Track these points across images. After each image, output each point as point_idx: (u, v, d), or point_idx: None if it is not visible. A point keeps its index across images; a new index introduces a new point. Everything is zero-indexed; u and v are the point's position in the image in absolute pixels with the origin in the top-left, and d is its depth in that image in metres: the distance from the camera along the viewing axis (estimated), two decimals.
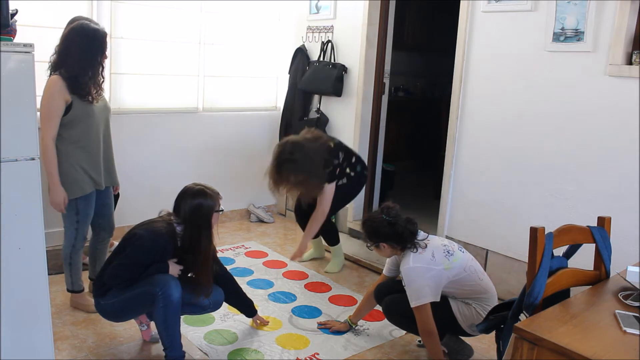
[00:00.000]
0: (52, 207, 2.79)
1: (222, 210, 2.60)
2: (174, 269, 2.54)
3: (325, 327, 3.00)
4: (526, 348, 1.57)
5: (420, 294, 2.48)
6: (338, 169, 3.55)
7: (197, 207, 2.50)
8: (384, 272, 2.87)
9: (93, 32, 2.78)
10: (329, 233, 3.85)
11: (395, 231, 2.56)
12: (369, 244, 2.69)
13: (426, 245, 2.57)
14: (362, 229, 2.72)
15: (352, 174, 3.64)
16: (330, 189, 3.52)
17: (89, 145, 2.87)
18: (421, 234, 2.62)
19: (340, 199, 3.67)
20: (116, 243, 3.79)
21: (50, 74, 2.76)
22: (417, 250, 2.54)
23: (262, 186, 5.04)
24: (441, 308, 2.55)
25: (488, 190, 3.55)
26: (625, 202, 2.91)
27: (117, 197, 3.29)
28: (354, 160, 3.66)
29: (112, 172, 3.08)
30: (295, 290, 3.49)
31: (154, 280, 2.44)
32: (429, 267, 2.50)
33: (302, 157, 3.33)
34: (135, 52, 4.09)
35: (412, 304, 2.50)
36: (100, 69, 2.84)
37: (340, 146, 3.63)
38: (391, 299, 2.74)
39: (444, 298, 2.57)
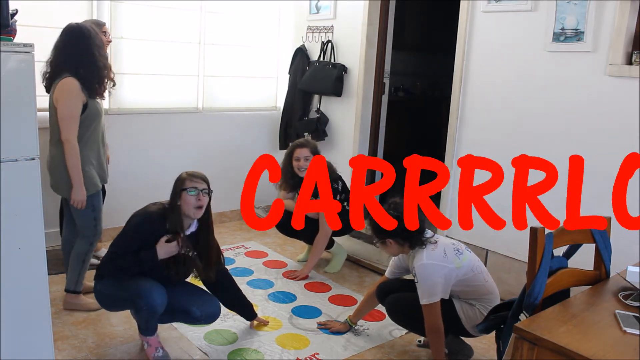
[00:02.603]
0: (73, 205, 2.85)
1: (193, 191, 2.54)
2: (163, 249, 2.50)
3: (325, 328, 3.00)
4: (526, 348, 1.57)
5: (432, 291, 2.45)
6: (338, 196, 3.72)
7: (173, 186, 2.61)
8: (387, 274, 2.84)
9: (94, 32, 2.84)
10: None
11: (401, 227, 2.50)
12: (375, 240, 2.65)
13: (436, 242, 2.54)
14: (368, 225, 2.66)
15: (348, 208, 3.79)
16: None
17: (97, 143, 2.95)
18: (428, 232, 2.58)
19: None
20: (103, 248, 3.83)
21: (54, 77, 2.77)
22: (428, 247, 2.51)
23: (262, 186, 5.04)
24: (445, 308, 2.53)
25: None
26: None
27: (104, 193, 3.38)
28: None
29: (106, 168, 3.15)
30: (295, 290, 3.49)
31: (139, 289, 2.45)
32: (442, 264, 2.48)
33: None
34: (135, 52, 4.09)
35: (423, 302, 2.46)
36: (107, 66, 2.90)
37: (340, 177, 3.80)
38: (395, 297, 2.71)
39: (448, 298, 2.56)
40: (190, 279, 2.77)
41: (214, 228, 2.73)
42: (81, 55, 2.77)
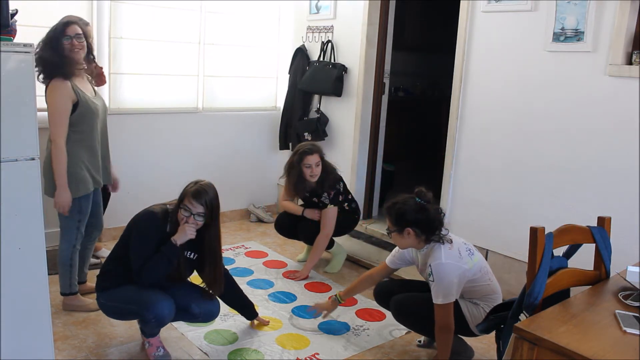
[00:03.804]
0: (55, 208, 2.80)
1: (185, 212, 2.49)
2: (179, 237, 2.49)
3: (314, 310, 3.01)
4: (526, 348, 1.57)
5: (449, 291, 2.43)
6: (340, 196, 3.74)
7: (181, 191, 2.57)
8: (387, 262, 2.78)
9: (57, 25, 2.83)
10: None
11: (427, 217, 2.44)
12: (392, 230, 2.53)
13: (451, 240, 2.51)
14: (386, 212, 2.55)
15: (347, 208, 3.85)
16: (333, 211, 3.69)
17: (92, 144, 2.91)
18: (443, 229, 2.53)
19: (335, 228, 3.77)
20: (104, 248, 3.83)
21: (45, 75, 2.75)
22: (445, 245, 2.48)
23: (262, 186, 5.07)
24: None
25: (488, 190, 3.54)
26: (625, 202, 2.90)
27: (109, 195, 3.37)
28: (350, 197, 3.89)
29: (109, 170, 3.12)
30: (295, 290, 3.49)
31: (146, 302, 2.46)
32: (458, 264, 2.46)
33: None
34: (135, 52, 4.09)
35: (438, 301, 2.43)
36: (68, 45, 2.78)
37: (341, 178, 3.82)
38: (401, 299, 2.69)
39: None
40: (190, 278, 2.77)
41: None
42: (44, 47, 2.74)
